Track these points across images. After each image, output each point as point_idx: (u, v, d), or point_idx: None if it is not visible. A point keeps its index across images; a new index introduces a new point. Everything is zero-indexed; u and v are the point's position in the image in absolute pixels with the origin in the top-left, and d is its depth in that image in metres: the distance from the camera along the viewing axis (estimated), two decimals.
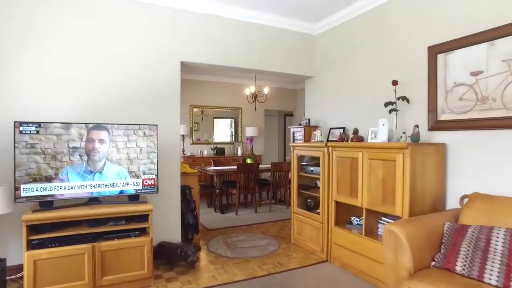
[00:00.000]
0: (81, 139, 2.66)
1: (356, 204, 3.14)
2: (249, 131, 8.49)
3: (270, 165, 6.34)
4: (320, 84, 4.51)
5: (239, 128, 8.70)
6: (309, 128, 4.36)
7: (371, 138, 3.35)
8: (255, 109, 6.72)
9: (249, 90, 6.88)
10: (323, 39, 4.44)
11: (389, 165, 2.77)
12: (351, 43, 3.96)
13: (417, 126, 2.81)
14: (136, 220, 2.82)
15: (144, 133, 2.95)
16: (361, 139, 3.48)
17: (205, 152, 8.05)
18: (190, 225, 3.76)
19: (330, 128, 4.13)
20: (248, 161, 6.34)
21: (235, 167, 6.33)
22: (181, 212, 3.77)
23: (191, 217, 3.78)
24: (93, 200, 2.78)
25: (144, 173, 2.93)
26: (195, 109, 8.12)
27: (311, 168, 3.91)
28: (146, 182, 2.94)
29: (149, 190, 2.97)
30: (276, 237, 4.42)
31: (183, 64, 3.78)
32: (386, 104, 3.24)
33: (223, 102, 8.47)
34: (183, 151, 7.67)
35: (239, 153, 8.36)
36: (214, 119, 8.43)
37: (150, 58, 3.52)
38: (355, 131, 3.51)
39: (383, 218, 3.06)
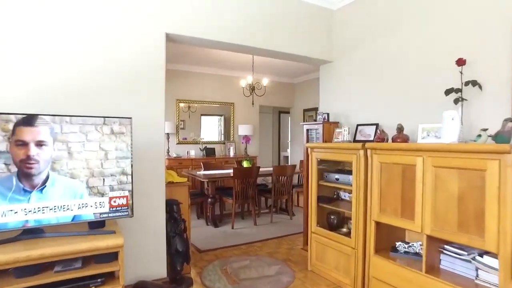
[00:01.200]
0: (8, 138, 1.69)
1: (412, 229, 2.27)
2: (243, 129, 7.57)
3: (271, 169, 5.46)
4: (340, 70, 3.64)
5: (231, 126, 7.77)
6: (329, 125, 3.48)
7: (423, 138, 2.50)
8: (253, 103, 5.83)
9: (246, 81, 5.96)
10: (345, 13, 3.57)
11: (471, 176, 1.91)
12: (386, 14, 3.10)
13: (510, 120, 1.96)
14: (98, 260, 1.87)
15: (112, 130, 2.00)
16: (406, 139, 2.63)
17: (192, 153, 7.08)
18: (178, 253, 2.82)
19: (357, 125, 3.26)
20: (245, 164, 5.43)
21: (231, 171, 5.41)
22: (166, 236, 2.83)
23: (180, 242, 2.84)
24: (31, 232, 1.81)
25: (112, 189, 1.99)
26: (182, 104, 7.13)
27: (336, 176, 3.03)
28: (115, 201, 1.99)
29: (119, 214, 2.02)
30: (287, 261, 3.53)
31: (169, 38, 2.83)
32: (448, 92, 2.39)
33: (214, 96, 7.52)
34: (168, 152, 6.69)
35: (232, 154, 7.44)
36: (202, 117, 7.47)
37: (125, 27, 2.56)
38: (400, 128, 2.65)
39: (449, 247, 2.21)
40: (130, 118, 2.09)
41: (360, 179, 2.67)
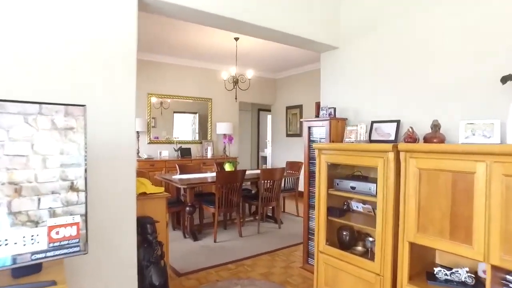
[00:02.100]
0: None
1: (470, 256, 1.74)
2: (222, 128, 6.91)
3: (258, 172, 4.85)
4: (349, 58, 3.09)
5: (209, 124, 7.08)
6: (336, 122, 2.92)
7: (466, 137, 1.99)
8: (236, 98, 5.19)
9: (228, 73, 5.30)
10: None
11: None
12: None
13: None
14: None
15: (54, 124, 1.31)
16: (443, 139, 2.11)
17: (165, 154, 6.32)
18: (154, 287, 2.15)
19: (373, 122, 2.72)
20: (227, 167, 4.78)
21: (210, 174, 4.75)
22: (138, 266, 2.14)
23: (156, 273, 2.17)
24: None
25: (54, 214, 1.29)
26: (153, 99, 6.35)
27: (352, 184, 2.47)
28: (57, 233, 1.30)
29: (65, 251, 1.33)
30: (285, 284, 2.93)
31: (142, 5, 2.14)
32: (505, 79, 1.89)
33: (190, 91, 6.79)
34: (138, 153, 5.90)
35: (210, 154, 6.75)
36: (175, 114, 6.72)
37: None
38: (437, 126, 2.12)
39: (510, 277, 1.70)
40: (84, 106, 1.40)
41: (389, 189, 2.12)
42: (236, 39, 5.03)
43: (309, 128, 3.12)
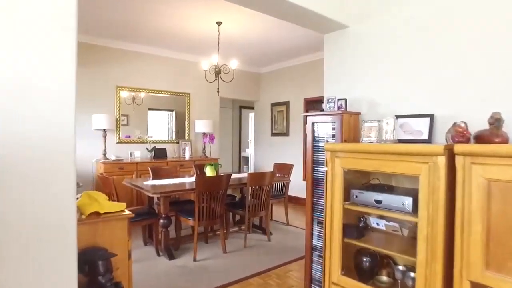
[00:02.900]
0: None
1: None
2: (201, 126, 6.23)
3: (244, 176, 4.23)
4: (361, 38, 2.52)
5: (186, 121, 6.38)
6: (349, 117, 2.34)
7: None
8: (218, 91, 4.53)
9: (209, 63, 4.63)
10: None
11: None
12: None
13: None
14: None
15: None
16: (506, 138, 1.57)
17: (138, 155, 5.58)
18: None
19: (397, 117, 2.15)
20: (208, 171, 4.12)
21: (189, 180, 4.07)
22: None
23: None
24: None
25: None
26: (125, 94, 5.59)
27: (377, 197, 1.89)
28: None
29: None
30: None
31: None
32: None
33: (164, 84, 6.07)
34: (105, 154, 5.13)
35: (187, 155, 6.05)
36: (150, 111, 6.00)
37: None
38: (498, 121, 1.58)
39: None
40: None
41: (437, 206, 1.55)
42: (219, 23, 4.38)
43: (313, 124, 2.52)
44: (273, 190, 5.03)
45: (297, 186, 6.17)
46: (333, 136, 2.37)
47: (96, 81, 5.25)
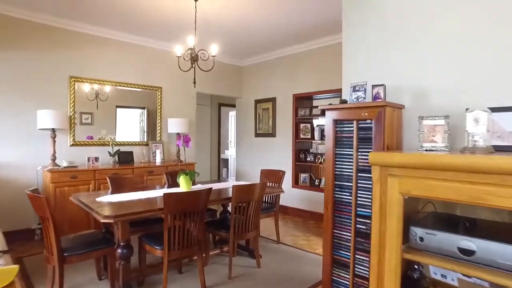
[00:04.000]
0: None
1: None
2: (174, 125, 5.35)
3: (228, 186, 3.43)
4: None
5: (158, 120, 5.49)
6: (392, 112, 1.58)
7: None
8: (194, 81, 3.67)
9: (184, 47, 3.78)
10: None
11: None
12: None
13: None
14: None
15: None
16: None
17: (98, 160, 4.65)
18: None
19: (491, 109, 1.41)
20: (182, 182, 3.28)
21: (159, 193, 3.19)
22: None
23: None
24: None
25: None
26: (84, 86, 4.63)
27: (466, 244, 1.13)
28: None
29: None
30: None
31: None
32: None
33: (132, 76, 5.15)
34: (54, 159, 4.15)
35: (158, 160, 5.16)
36: (118, 109, 5.10)
37: None
38: None
39: None
40: None
41: None
42: None
43: (336, 122, 1.74)
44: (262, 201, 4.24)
45: (285, 194, 5.43)
46: (363, 139, 1.61)
47: (42, 69, 4.26)
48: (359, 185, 1.66)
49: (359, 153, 1.65)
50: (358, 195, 1.66)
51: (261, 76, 6.30)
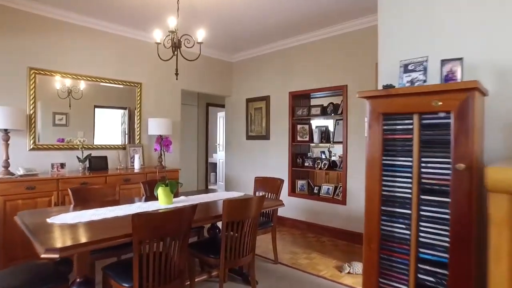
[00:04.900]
0: None
1: None
2: (156, 126, 4.72)
3: (218, 197, 2.83)
4: None
5: (137, 120, 4.84)
6: (482, 99, 1.00)
7: None
8: (176, 73, 3.04)
9: (164, 31, 3.17)
10: None
11: None
12: None
13: None
14: None
15: None
16: None
17: (68, 165, 3.98)
18: None
19: None
20: (161, 195, 2.67)
21: (132, 211, 2.55)
22: None
23: None
24: None
25: None
26: (48, 80, 3.95)
27: None
28: None
29: None
30: None
31: None
32: None
33: (107, 70, 4.50)
34: (7, 166, 3.46)
35: (137, 166, 4.51)
36: (96, 109, 4.49)
37: None
38: None
39: None
40: None
41: None
42: None
43: (383, 117, 1.16)
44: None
45: None
46: (429, 143, 1.03)
47: None
48: (422, 213, 1.10)
49: (423, 164, 1.09)
50: (422, 228, 1.10)
51: (253, 73, 5.72)
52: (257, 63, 5.63)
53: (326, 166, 4.74)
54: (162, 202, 2.75)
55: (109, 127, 4.69)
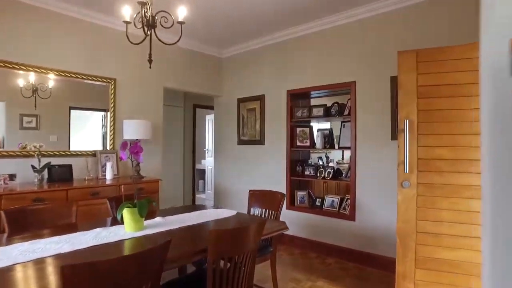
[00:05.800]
0: None
1: None
2: (132, 129, 4.02)
3: (205, 216, 2.13)
4: None
5: (110, 123, 4.14)
6: None
7: None
8: (150, 61, 2.38)
9: (136, 8, 2.49)
10: None
11: None
12: None
13: None
14: None
15: None
16: None
17: (15, 177, 3.26)
18: None
19: None
20: (127, 219, 1.97)
21: (88, 245, 1.83)
22: None
23: None
24: None
25: None
26: (20, 80, 3.25)
27: None
28: None
29: None
30: None
31: None
32: None
33: (76, 64, 3.79)
34: None
35: (109, 176, 3.80)
36: (72, 111, 3.85)
37: None
38: None
39: None
40: None
41: None
42: None
43: None
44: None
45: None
46: None
47: None
48: None
49: None
50: None
51: (246, 69, 5.07)
52: (250, 58, 4.99)
53: (330, 175, 4.10)
54: (129, 228, 2.06)
55: (88, 131, 4.07)
